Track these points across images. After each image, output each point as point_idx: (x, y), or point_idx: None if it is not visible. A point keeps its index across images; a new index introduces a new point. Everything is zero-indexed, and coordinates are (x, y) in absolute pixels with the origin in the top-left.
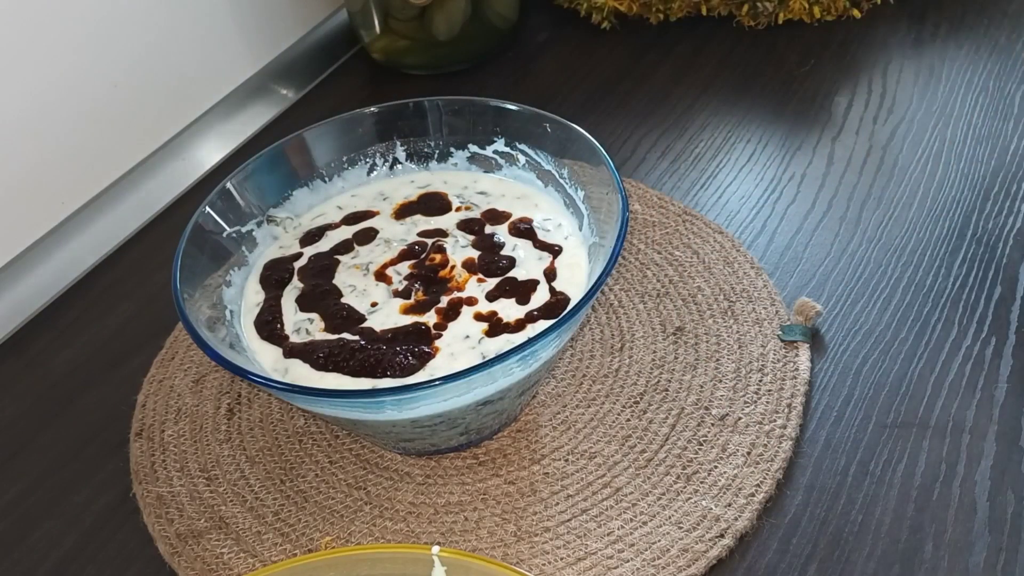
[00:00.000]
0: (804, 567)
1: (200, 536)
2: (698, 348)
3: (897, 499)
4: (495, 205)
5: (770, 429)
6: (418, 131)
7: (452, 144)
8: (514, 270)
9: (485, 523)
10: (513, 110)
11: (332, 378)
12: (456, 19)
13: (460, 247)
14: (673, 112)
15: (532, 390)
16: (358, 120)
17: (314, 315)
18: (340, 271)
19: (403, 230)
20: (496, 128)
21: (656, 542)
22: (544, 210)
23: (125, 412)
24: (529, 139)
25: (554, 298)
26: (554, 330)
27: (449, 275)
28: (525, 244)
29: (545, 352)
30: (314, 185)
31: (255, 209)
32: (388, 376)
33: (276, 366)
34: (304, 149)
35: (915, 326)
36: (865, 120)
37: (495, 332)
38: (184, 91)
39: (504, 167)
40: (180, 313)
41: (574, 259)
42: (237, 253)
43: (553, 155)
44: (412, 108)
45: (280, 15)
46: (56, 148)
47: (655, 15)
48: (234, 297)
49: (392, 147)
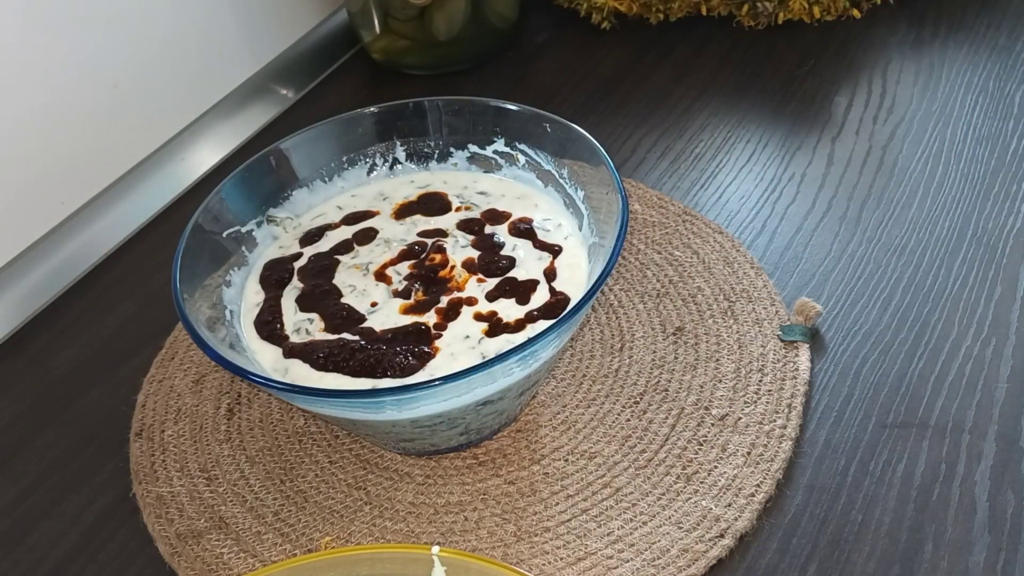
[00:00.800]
0: (804, 567)
1: (200, 536)
2: (698, 348)
3: (897, 499)
4: (495, 205)
5: (770, 429)
6: (418, 131)
7: (452, 144)
8: (514, 270)
9: (485, 523)
10: (513, 110)
11: (332, 378)
12: (456, 19)
13: (460, 247)
14: (673, 112)
15: (532, 390)
16: (358, 120)
17: (314, 315)
18: (340, 271)
19: (403, 230)
20: (496, 128)
21: (656, 542)
22: (544, 210)
23: (125, 412)
24: (529, 139)
25: (554, 298)
26: (554, 330)
27: (449, 275)
28: (525, 244)
29: (545, 352)
30: (314, 185)
31: (255, 209)
32: (388, 376)
33: (276, 366)
34: (304, 149)
35: (915, 326)
36: (865, 120)
37: (495, 332)
38: (184, 91)
39: (504, 167)
40: (180, 313)
41: (574, 259)
42: (237, 253)
43: (553, 155)
44: (412, 108)
45: (280, 15)
46: (56, 148)
47: (655, 15)
48: (234, 297)
49: (392, 147)
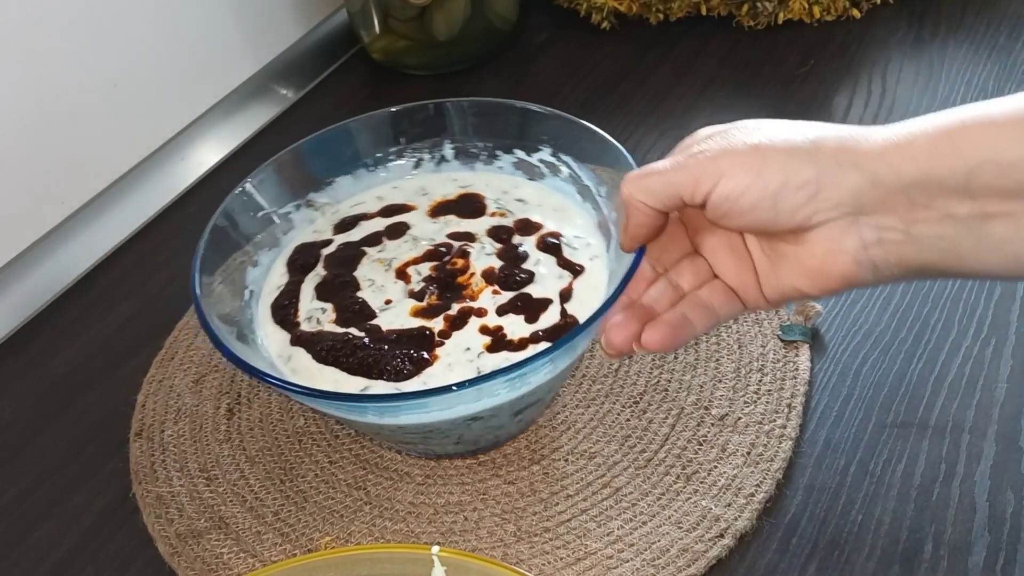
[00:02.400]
0: (804, 567)
1: (200, 536)
2: (698, 348)
3: (897, 499)
4: (530, 214)
5: (770, 429)
6: (468, 131)
7: (500, 148)
8: (531, 286)
9: (485, 523)
10: (564, 120)
11: (329, 372)
12: (456, 19)
13: (484, 254)
14: (673, 112)
15: (533, 411)
16: (413, 112)
17: (328, 305)
18: (364, 263)
19: (434, 229)
20: (544, 136)
21: (656, 542)
22: (577, 226)
23: (125, 412)
24: (573, 151)
25: (563, 321)
26: (543, 356)
27: (467, 282)
28: (549, 260)
29: (535, 377)
30: (358, 173)
31: (297, 191)
32: (382, 379)
33: (281, 352)
34: (354, 136)
35: (915, 326)
36: (865, 120)
37: (496, 348)
38: (184, 91)
39: (547, 176)
40: (193, 283)
41: (595, 281)
42: (270, 233)
43: (594, 171)
44: (466, 107)
45: (280, 15)
46: (56, 148)
47: (655, 15)
48: (258, 278)
49: (441, 144)
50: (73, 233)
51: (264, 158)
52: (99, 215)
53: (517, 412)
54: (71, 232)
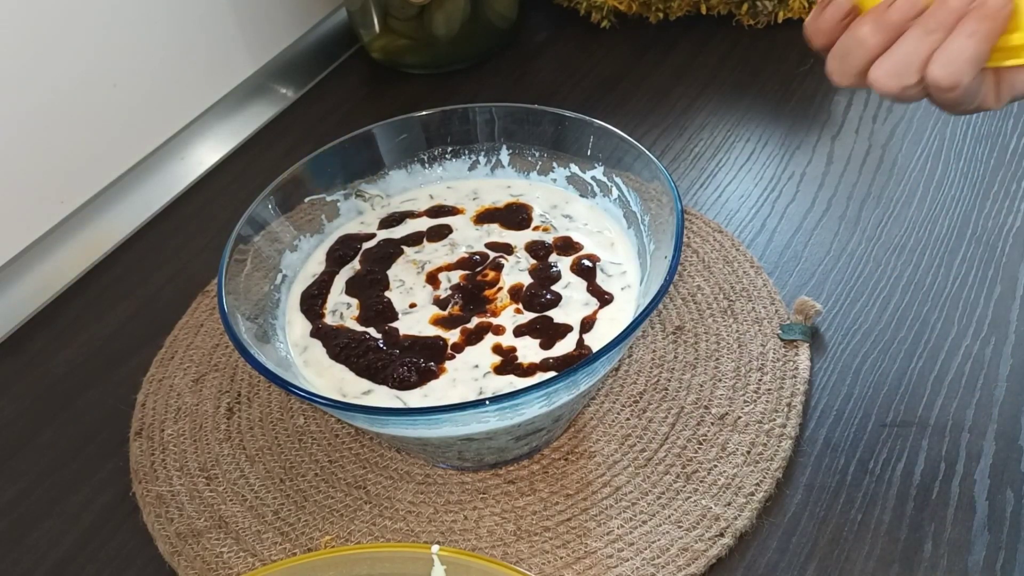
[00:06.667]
0: (804, 566)
1: (200, 535)
2: (698, 347)
3: (896, 498)
4: (573, 233)
5: (770, 428)
6: (528, 139)
7: (555, 160)
8: (554, 309)
9: (484, 522)
10: (621, 140)
11: (338, 369)
12: (455, 18)
13: (517, 269)
14: (673, 111)
15: (538, 437)
16: (475, 113)
17: (354, 301)
18: (398, 263)
19: (475, 236)
20: (599, 154)
21: (656, 541)
22: (618, 252)
23: (125, 411)
24: (624, 174)
25: (577, 351)
26: (538, 390)
27: (492, 296)
28: (579, 284)
29: (529, 410)
30: (412, 168)
31: (347, 178)
32: (385, 385)
33: (299, 341)
34: (418, 130)
35: (915, 325)
36: (865, 119)
37: (504, 370)
38: (184, 91)
39: (598, 195)
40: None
41: (620, 313)
42: (315, 219)
43: (642, 199)
44: (524, 113)
45: (280, 15)
46: (56, 148)
47: (654, 14)
48: (294, 263)
49: (498, 148)
50: (73, 233)
51: (264, 158)
52: (98, 215)
53: (518, 438)
54: (71, 232)
